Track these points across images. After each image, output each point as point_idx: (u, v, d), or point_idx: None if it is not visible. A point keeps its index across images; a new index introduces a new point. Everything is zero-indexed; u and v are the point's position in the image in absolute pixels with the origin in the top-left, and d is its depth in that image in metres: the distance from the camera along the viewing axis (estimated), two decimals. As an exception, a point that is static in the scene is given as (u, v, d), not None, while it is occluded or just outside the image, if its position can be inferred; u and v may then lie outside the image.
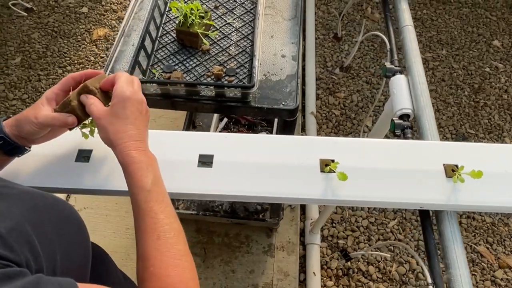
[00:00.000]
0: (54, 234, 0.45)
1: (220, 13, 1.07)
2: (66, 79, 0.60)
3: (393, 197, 0.66)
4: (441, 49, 2.37)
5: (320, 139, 0.72)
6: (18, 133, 0.57)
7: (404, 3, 1.00)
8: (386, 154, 0.70)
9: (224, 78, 0.93)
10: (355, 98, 2.14)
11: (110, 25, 2.44)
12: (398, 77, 0.88)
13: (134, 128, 0.54)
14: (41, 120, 0.56)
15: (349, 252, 1.64)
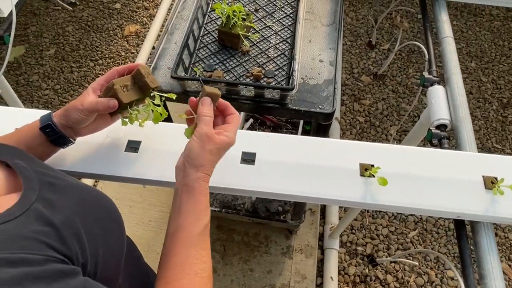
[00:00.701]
0: (98, 229, 0.45)
1: (260, 16, 1.10)
2: (111, 72, 0.64)
3: (431, 204, 0.67)
4: (470, 62, 2.34)
5: (359, 144, 0.74)
6: (66, 122, 0.61)
7: (444, 14, 1.01)
8: (425, 162, 0.71)
9: (263, 80, 0.95)
10: (380, 106, 2.13)
11: (141, 22, 2.50)
12: (436, 88, 0.88)
13: (213, 167, 0.57)
14: (87, 106, 0.59)
15: (375, 258, 1.64)
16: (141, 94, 0.63)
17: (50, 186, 0.43)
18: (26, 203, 0.38)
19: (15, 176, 0.44)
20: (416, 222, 1.80)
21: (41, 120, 0.61)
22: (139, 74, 0.62)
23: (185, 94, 0.93)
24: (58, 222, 0.39)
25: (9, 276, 0.29)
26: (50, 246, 0.36)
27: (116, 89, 0.60)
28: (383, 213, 1.82)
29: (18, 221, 0.36)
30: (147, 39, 2.36)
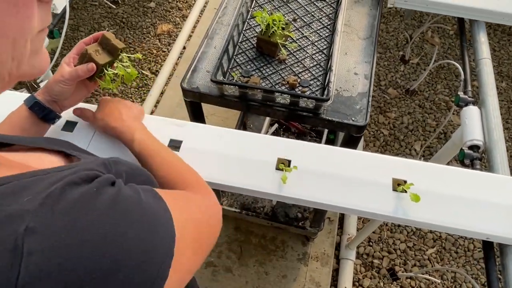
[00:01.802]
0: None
1: (297, 26, 1.12)
2: (79, 44, 0.70)
3: (460, 224, 0.68)
4: (501, 81, 2.31)
5: (393, 159, 0.75)
6: (50, 97, 0.67)
7: (483, 35, 1.01)
8: (457, 182, 0.72)
9: (298, 88, 0.98)
10: (405, 120, 2.13)
11: (174, 22, 2.57)
12: (471, 108, 0.89)
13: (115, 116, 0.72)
14: (67, 76, 0.65)
15: (397, 272, 1.63)
16: (112, 57, 0.69)
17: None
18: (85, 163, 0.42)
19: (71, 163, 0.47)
20: (435, 240, 1.78)
21: (26, 102, 0.66)
22: (105, 39, 0.69)
23: (222, 97, 0.96)
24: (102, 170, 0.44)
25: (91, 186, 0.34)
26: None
27: (90, 54, 0.66)
28: (401, 228, 1.81)
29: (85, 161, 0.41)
30: (178, 39, 2.41)
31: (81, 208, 0.30)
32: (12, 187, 0.31)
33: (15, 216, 0.28)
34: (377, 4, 1.17)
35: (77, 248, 0.28)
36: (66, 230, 0.28)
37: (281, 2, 1.18)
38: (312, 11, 1.16)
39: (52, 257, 0.27)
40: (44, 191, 0.31)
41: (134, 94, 2.24)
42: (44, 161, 0.45)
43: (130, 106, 0.75)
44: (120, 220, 0.32)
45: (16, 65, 0.33)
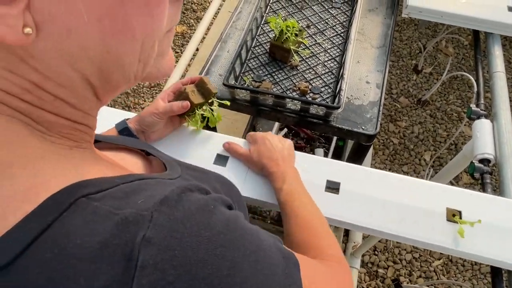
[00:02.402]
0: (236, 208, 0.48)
1: (311, 33, 1.13)
2: (176, 84, 0.77)
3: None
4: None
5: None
6: (140, 127, 0.70)
7: (498, 48, 1.00)
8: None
9: (309, 95, 0.98)
10: (416, 130, 2.11)
11: (188, 23, 2.59)
12: (483, 121, 0.88)
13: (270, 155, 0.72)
14: (162, 109, 0.70)
15: (401, 282, 1.62)
16: (204, 99, 0.75)
17: (188, 168, 0.46)
18: (176, 172, 0.40)
19: (151, 165, 0.47)
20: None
21: (117, 126, 0.69)
22: (202, 82, 0.76)
23: (233, 101, 0.97)
24: (209, 189, 0.41)
25: (205, 197, 0.32)
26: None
27: (188, 92, 0.72)
28: (408, 238, 1.79)
29: (178, 180, 0.38)
30: (192, 40, 2.42)
31: (200, 223, 0.28)
32: (122, 190, 0.29)
33: (132, 221, 0.26)
34: (392, 13, 1.17)
35: (190, 268, 0.26)
36: (181, 246, 0.26)
37: (295, 9, 1.19)
38: (326, 18, 1.16)
39: (164, 274, 0.25)
40: (159, 194, 0.29)
41: (146, 94, 2.27)
42: (128, 162, 0.45)
43: (283, 144, 0.74)
44: (238, 249, 0.29)
45: (142, 67, 0.32)
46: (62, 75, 0.28)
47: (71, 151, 0.31)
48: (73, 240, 0.25)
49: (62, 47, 0.27)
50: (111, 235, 0.25)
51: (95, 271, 0.24)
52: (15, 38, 0.24)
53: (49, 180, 0.27)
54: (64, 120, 0.31)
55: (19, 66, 0.27)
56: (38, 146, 0.28)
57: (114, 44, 0.28)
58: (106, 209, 0.27)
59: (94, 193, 0.27)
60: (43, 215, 0.25)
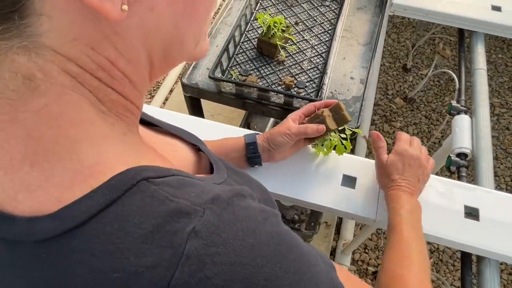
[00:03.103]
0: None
1: (299, 29, 1.15)
2: (309, 105, 0.74)
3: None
4: (511, 97, 2.28)
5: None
6: (268, 145, 0.69)
7: (480, 46, 1.02)
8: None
9: (294, 89, 1.00)
10: (410, 130, 2.12)
11: (188, 22, 2.63)
12: (462, 117, 0.90)
13: (403, 177, 0.66)
14: (295, 130, 0.68)
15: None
16: (337, 126, 0.71)
17: (233, 171, 0.47)
18: (222, 176, 0.41)
19: (200, 161, 0.49)
20: (433, 251, 1.77)
21: (246, 137, 0.69)
22: (338, 108, 0.71)
23: (219, 94, 0.99)
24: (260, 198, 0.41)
25: (256, 206, 0.32)
26: None
27: (325, 116, 0.70)
28: (399, 237, 1.80)
29: (222, 185, 0.39)
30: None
31: (247, 228, 0.29)
32: (177, 180, 0.30)
33: (185, 212, 0.28)
34: (380, 11, 1.19)
35: (229, 268, 0.27)
36: (224, 245, 0.27)
37: (285, 6, 1.22)
38: (314, 16, 1.19)
39: (205, 268, 0.26)
40: (212, 192, 0.30)
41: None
42: (178, 152, 0.46)
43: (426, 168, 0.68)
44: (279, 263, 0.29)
45: (194, 47, 0.35)
46: (134, 53, 0.30)
47: (125, 136, 0.32)
48: (131, 219, 0.26)
49: (143, 24, 0.29)
50: (164, 221, 0.27)
51: (145, 251, 0.26)
52: (115, 14, 0.26)
53: (113, 160, 0.29)
54: (123, 99, 0.32)
55: (102, 43, 0.28)
56: (102, 127, 0.30)
57: (182, 23, 0.31)
58: (164, 195, 0.28)
59: (154, 178, 0.29)
60: (108, 192, 0.27)
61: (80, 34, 0.27)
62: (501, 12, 1.04)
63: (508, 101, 2.26)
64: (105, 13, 0.25)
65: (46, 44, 0.26)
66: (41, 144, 0.27)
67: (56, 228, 0.26)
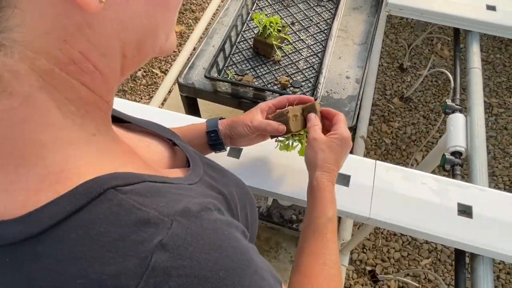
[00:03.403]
0: (247, 212, 0.47)
1: (295, 29, 1.16)
2: (282, 98, 0.70)
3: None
4: (509, 97, 2.29)
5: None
6: (229, 132, 0.67)
7: (475, 45, 1.02)
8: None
9: (289, 89, 1.01)
10: (408, 130, 2.13)
11: (187, 24, 2.63)
12: (457, 116, 0.90)
13: (336, 164, 0.61)
14: (256, 124, 0.65)
15: (377, 274, 1.64)
16: (301, 127, 0.67)
17: (210, 166, 0.47)
18: (198, 174, 0.41)
19: (175, 155, 0.48)
20: (431, 251, 1.77)
21: (208, 124, 0.67)
22: (313, 108, 0.66)
23: (215, 93, 1.00)
24: (226, 193, 0.42)
25: (223, 219, 0.33)
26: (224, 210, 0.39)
27: (288, 117, 0.65)
28: (397, 237, 1.80)
29: (197, 185, 0.39)
30: (189, 40, 2.47)
31: (213, 242, 0.30)
32: (147, 187, 0.30)
33: (152, 222, 0.28)
34: (375, 11, 1.20)
35: (193, 280, 0.27)
36: (190, 259, 0.28)
37: (281, 6, 1.22)
38: (310, 16, 1.19)
39: (170, 280, 0.26)
40: (181, 203, 0.30)
41: (143, 91, 2.31)
42: (153, 149, 0.46)
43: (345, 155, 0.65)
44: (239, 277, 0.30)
45: (164, 40, 0.35)
46: (108, 45, 0.30)
47: (94, 137, 0.32)
48: (97, 226, 0.27)
49: (117, 16, 0.29)
50: (131, 230, 0.27)
51: (109, 259, 0.26)
52: (94, 6, 0.26)
53: (80, 167, 0.29)
54: (93, 95, 0.32)
55: (75, 35, 0.28)
56: (69, 130, 0.30)
57: (155, 15, 0.31)
58: (131, 203, 0.28)
59: (122, 186, 0.29)
60: (74, 199, 0.27)
61: (53, 27, 0.26)
62: (496, 11, 1.04)
63: (507, 101, 2.26)
64: (84, 6, 0.25)
65: (17, 39, 0.25)
66: (6, 148, 0.27)
67: (20, 232, 0.26)
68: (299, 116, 0.66)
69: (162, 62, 2.41)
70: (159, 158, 0.46)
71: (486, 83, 2.34)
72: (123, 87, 2.29)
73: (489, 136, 2.12)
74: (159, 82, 2.32)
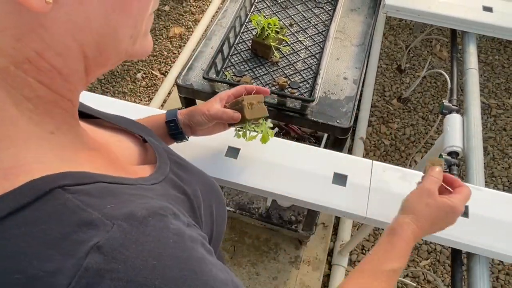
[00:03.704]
0: (214, 209, 0.48)
1: (293, 31, 1.16)
2: (240, 87, 0.72)
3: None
4: (508, 98, 2.29)
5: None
6: (188, 121, 0.68)
7: (472, 46, 1.03)
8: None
9: (287, 90, 1.01)
10: (407, 131, 2.13)
11: (186, 26, 2.65)
12: (454, 116, 0.91)
13: (430, 226, 0.58)
14: (213, 112, 0.66)
15: None
16: (261, 115, 0.69)
17: (177, 164, 0.47)
18: (163, 173, 0.42)
19: (146, 151, 0.49)
20: (430, 252, 1.77)
21: (167, 114, 0.68)
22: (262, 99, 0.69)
23: (214, 94, 1.00)
24: (190, 193, 0.42)
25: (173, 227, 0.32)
26: (184, 212, 0.39)
27: (244, 105, 0.66)
28: (396, 238, 1.80)
29: (161, 185, 0.40)
30: (189, 42, 2.49)
31: (153, 250, 0.30)
32: (99, 188, 0.31)
33: (94, 224, 0.28)
34: (373, 13, 1.20)
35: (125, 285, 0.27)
36: (125, 263, 0.28)
37: (279, 8, 1.23)
38: (308, 18, 1.20)
39: (102, 282, 0.27)
40: (127, 207, 0.30)
41: (142, 93, 2.31)
42: (124, 144, 0.47)
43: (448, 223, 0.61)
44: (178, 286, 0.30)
45: (132, 43, 0.35)
46: (63, 45, 0.30)
47: (52, 135, 0.32)
48: (40, 224, 0.27)
49: (71, 18, 0.29)
50: (72, 230, 0.27)
51: (49, 257, 0.26)
52: (38, 6, 0.26)
53: (30, 164, 0.29)
54: (52, 94, 0.32)
55: (29, 34, 0.28)
56: (24, 127, 0.30)
57: (114, 18, 0.32)
58: (76, 204, 0.29)
59: (71, 185, 0.29)
60: (20, 196, 0.27)
61: (5, 26, 0.27)
62: (492, 12, 1.05)
63: (505, 102, 2.26)
64: (27, 5, 0.26)
65: None
66: None
67: None
68: (256, 104, 0.68)
69: (161, 64, 2.42)
70: (130, 153, 0.46)
71: (485, 84, 2.35)
72: (122, 89, 2.30)
73: (488, 137, 2.12)
74: (158, 84, 2.33)
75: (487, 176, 2.00)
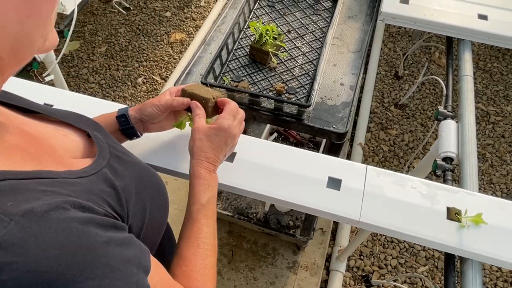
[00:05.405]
0: (148, 202, 0.51)
1: (291, 37, 1.18)
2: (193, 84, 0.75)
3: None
4: (506, 105, 2.30)
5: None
6: (140, 116, 0.69)
7: (467, 53, 1.04)
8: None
9: (284, 95, 1.02)
10: (406, 138, 2.14)
11: (187, 31, 2.67)
12: (449, 122, 0.92)
13: (214, 153, 0.64)
14: (163, 102, 0.68)
15: (371, 279, 1.64)
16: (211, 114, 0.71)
17: (117, 158, 0.50)
18: (97, 167, 0.45)
19: (92, 145, 0.52)
20: (428, 258, 1.77)
21: (118, 110, 0.70)
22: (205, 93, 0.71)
23: (211, 99, 1.01)
24: (119, 187, 0.45)
25: (78, 217, 0.35)
26: (109, 204, 0.42)
27: (190, 93, 0.70)
28: (394, 244, 1.80)
29: (90, 178, 0.43)
30: (190, 47, 2.51)
31: (55, 240, 0.32)
32: (4, 186, 0.33)
33: None
34: (370, 20, 1.22)
35: (26, 275, 0.30)
36: (24, 255, 0.30)
37: (278, 15, 1.25)
38: (306, 24, 1.21)
39: (2, 273, 0.29)
40: (29, 203, 0.32)
41: (143, 98, 2.33)
42: (69, 138, 0.50)
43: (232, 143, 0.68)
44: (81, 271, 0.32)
45: (43, 41, 0.38)
46: None
47: None
48: None
49: None
50: None
51: None
52: None
53: None
54: None
55: None
56: None
57: (27, 23, 0.34)
58: None
59: None
60: None
61: None
62: (487, 20, 1.06)
63: (504, 110, 2.27)
64: None
65: None
66: None
67: None
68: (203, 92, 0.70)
69: (162, 69, 2.44)
70: (74, 147, 0.49)
71: (483, 91, 2.36)
72: (123, 94, 2.32)
73: (487, 144, 2.13)
74: (159, 89, 2.35)
75: (486, 183, 2.00)
